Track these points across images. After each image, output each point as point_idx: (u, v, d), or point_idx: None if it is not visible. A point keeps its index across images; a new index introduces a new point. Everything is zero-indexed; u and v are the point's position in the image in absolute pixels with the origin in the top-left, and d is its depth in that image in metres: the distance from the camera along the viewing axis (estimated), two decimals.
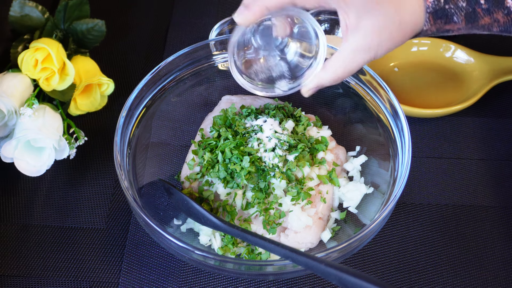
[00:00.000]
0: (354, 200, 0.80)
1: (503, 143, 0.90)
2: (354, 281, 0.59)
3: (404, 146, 0.76)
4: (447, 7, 0.65)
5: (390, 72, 0.98)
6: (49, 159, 0.83)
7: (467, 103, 0.91)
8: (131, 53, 1.03)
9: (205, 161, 0.80)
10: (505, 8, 0.65)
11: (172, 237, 0.69)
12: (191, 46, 0.85)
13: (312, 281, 0.77)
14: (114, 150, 0.76)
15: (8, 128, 0.86)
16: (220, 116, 0.84)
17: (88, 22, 0.96)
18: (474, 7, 0.66)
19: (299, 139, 0.82)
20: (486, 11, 0.66)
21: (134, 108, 0.81)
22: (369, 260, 0.79)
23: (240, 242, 0.77)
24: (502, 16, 0.66)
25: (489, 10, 0.66)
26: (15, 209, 0.85)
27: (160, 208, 0.81)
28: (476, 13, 0.66)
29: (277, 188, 0.78)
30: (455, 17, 0.66)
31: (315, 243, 0.78)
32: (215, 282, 0.78)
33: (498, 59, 0.96)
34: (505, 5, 0.65)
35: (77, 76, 0.90)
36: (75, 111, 0.92)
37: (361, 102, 0.84)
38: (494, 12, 0.66)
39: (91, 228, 0.83)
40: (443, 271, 0.78)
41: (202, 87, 0.90)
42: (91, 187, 0.87)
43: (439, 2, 0.65)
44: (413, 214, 0.83)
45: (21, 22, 0.96)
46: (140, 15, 1.09)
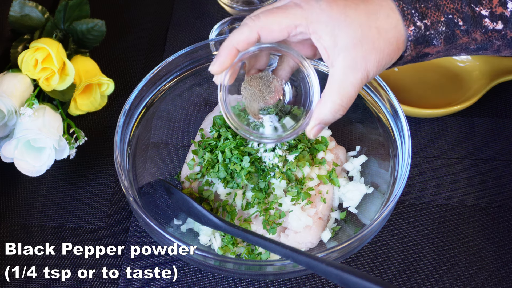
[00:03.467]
0: (354, 200, 0.80)
1: (503, 143, 0.90)
2: (356, 280, 0.59)
3: (404, 146, 0.76)
4: (428, 34, 0.65)
5: (390, 72, 0.98)
6: (49, 159, 0.83)
7: (467, 103, 0.91)
8: (131, 53, 1.03)
9: (205, 161, 0.80)
10: (482, 27, 0.65)
11: (172, 237, 0.69)
12: (191, 46, 0.85)
13: (312, 281, 0.77)
14: (114, 150, 0.76)
15: (8, 128, 0.86)
16: (220, 116, 0.84)
17: (88, 22, 0.96)
18: (453, 30, 0.65)
19: (299, 139, 0.82)
20: (465, 31, 0.66)
21: (134, 108, 0.81)
22: (369, 260, 0.79)
23: (240, 242, 0.77)
24: (479, 35, 0.66)
25: (468, 30, 0.66)
26: (15, 209, 0.85)
27: (160, 208, 0.81)
28: (455, 35, 0.66)
29: (277, 188, 0.78)
30: (434, 41, 0.66)
31: (315, 243, 0.78)
32: (215, 282, 0.78)
33: (498, 59, 0.96)
34: (482, 25, 0.65)
35: (77, 76, 0.90)
36: (75, 111, 0.92)
37: (361, 102, 0.84)
38: (472, 31, 0.66)
39: (91, 228, 0.83)
40: (443, 271, 0.78)
41: (202, 87, 0.90)
42: (91, 187, 0.87)
43: (420, 30, 0.65)
44: (413, 214, 0.83)
45: (21, 22, 0.96)
46: (140, 15, 1.09)
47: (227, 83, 0.70)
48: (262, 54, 0.72)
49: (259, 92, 0.73)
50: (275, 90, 0.73)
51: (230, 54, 0.67)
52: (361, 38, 0.64)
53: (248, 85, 0.72)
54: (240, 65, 0.71)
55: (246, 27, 0.66)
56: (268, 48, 0.69)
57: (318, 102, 0.67)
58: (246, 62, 0.72)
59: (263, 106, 0.74)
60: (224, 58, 0.67)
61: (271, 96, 0.73)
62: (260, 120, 0.74)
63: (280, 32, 0.66)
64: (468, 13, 0.65)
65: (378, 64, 0.65)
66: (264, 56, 0.72)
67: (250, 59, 0.72)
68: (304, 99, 0.72)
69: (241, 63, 0.71)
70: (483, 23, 0.65)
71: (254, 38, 0.66)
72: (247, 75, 0.73)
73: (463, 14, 0.65)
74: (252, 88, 0.72)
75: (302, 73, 0.71)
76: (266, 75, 0.73)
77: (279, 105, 0.74)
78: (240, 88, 0.73)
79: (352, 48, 0.64)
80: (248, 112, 0.74)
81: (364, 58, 0.64)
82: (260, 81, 0.73)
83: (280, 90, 0.74)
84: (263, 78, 0.73)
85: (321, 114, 0.67)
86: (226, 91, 0.70)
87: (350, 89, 0.65)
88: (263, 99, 0.73)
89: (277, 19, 0.65)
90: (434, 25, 0.65)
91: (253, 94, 0.73)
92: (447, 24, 0.65)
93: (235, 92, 0.76)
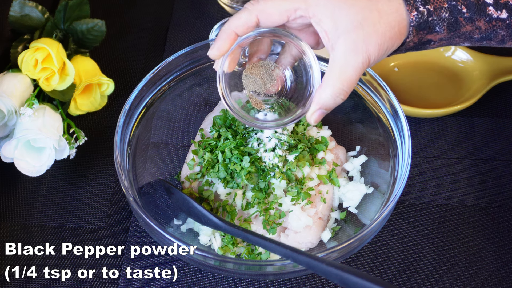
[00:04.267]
0: (354, 200, 0.80)
1: (503, 143, 0.90)
2: (356, 280, 0.59)
3: (404, 146, 0.76)
4: (430, 19, 0.65)
5: (390, 72, 0.98)
6: (49, 159, 0.83)
7: (467, 103, 0.91)
8: (131, 53, 1.03)
9: (205, 161, 0.80)
10: (486, 15, 0.65)
11: (172, 237, 0.69)
12: (191, 46, 0.85)
13: (312, 281, 0.77)
14: (114, 150, 0.76)
15: (8, 128, 0.86)
16: (220, 116, 0.84)
17: (88, 22, 0.96)
18: (457, 17, 0.65)
19: (299, 139, 0.82)
20: (468, 19, 0.65)
21: (134, 108, 0.81)
22: (369, 260, 0.79)
23: (240, 242, 0.77)
24: (483, 24, 0.65)
25: (471, 18, 0.65)
26: (15, 209, 0.85)
27: (160, 208, 0.81)
28: (458, 22, 0.65)
29: (277, 188, 0.78)
30: (437, 27, 0.65)
31: (315, 243, 0.77)
32: (215, 282, 0.78)
33: (498, 59, 0.96)
34: (486, 13, 0.65)
35: (77, 76, 0.90)
36: (75, 111, 0.92)
37: (361, 102, 0.84)
38: (476, 19, 0.65)
39: (91, 228, 0.83)
40: (443, 271, 0.78)
41: (202, 87, 0.90)
42: (91, 187, 0.87)
43: (423, 15, 0.64)
44: (413, 214, 0.83)
45: (21, 22, 0.96)
46: (140, 15, 1.09)
47: (226, 69, 0.69)
48: (263, 42, 0.72)
49: (261, 80, 0.73)
50: (277, 79, 0.73)
51: (229, 38, 0.67)
52: (362, 21, 0.63)
53: (249, 73, 0.72)
54: (240, 52, 0.71)
55: (245, 11, 0.66)
56: (268, 34, 0.69)
57: (319, 87, 0.67)
58: (248, 48, 0.72)
59: (264, 94, 0.74)
60: (222, 41, 0.67)
61: (272, 84, 0.73)
62: (261, 108, 0.74)
63: (280, 16, 0.65)
64: (472, 0, 0.64)
65: (379, 47, 0.64)
66: (265, 44, 0.72)
67: (252, 46, 0.72)
68: (306, 86, 0.72)
69: (241, 50, 0.71)
70: (487, 11, 0.65)
71: (253, 22, 0.66)
72: (248, 62, 0.73)
73: (467, 1, 0.64)
74: (253, 76, 0.72)
75: (303, 60, 0.71)
76: (268, 63, 0.73)
77: (281, 93, 0.74)
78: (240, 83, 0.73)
79: (352, 30, 0.63)
80: (249, 99, 0.74)
81: (365, 41, 0.63)
82: (262, 69, 0.73)
83: (282, 78, 0.73)
84: (264, 66, 0.73)
85: (321, 99, 0.66)
86: (225, 78, 0.70)
87: (351, 72, 0.64)
88: (265, 87, 0.73)
89: (276, 3, 0.65)
90: (437, 11, 0.64)
91: (254, 81, 0.73)
92: (450, 10, 0.64)
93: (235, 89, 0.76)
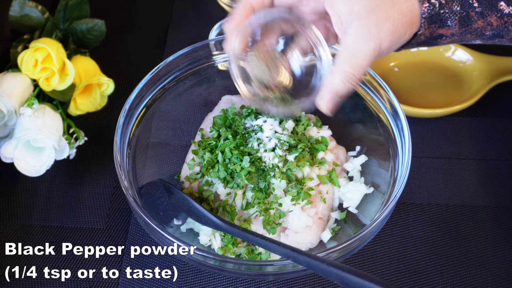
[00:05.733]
0: (354, 200, 0.80)
1: (503, 143, 0.90)
2: (356, 280, 0.59)
3: (404, 146, 0.76)
4: (442, 12, 0.65)
5: (390, 72, 0.98)
6: (49, 159, 0.83)
7: (467, 103, 0.91)
8: (131, 53, 1.03)
9: (205, 161, 0.80)
10: (498, 11, 0.65)
11: (172, 237, 0.69)
12: (191, 46, 0.85)
13: (313, 281, 0.77)
14: (114, 150, 0.76)
15: (8, 128, 0.86)
16: (220, 116, 0.84)
17: (88, 22, 0.96)
18: (468, 11, 0.65)
19: (299, 139, 0.82)
20: (480, 14, 0.65)
21: (134, 108, 0.81)
22: (369, 260, 0.79)
23: (240, 242, 0.77)
24: (495, 19, 0.66)
25: (483, 13, 0.65)
26: (15, 209, 0.85)
27: (160, 208, 0.81)
28: (470, 17, 0.65)
29: (277, 188, 0.78)
30: (449, 21, 0.66)
31: (315, 243, 0.77)
32: (215, 282, 0.78)
33: (498, 59, 0.96)
34: (498, 8, 0.65)
35: (77, 76, 0.90)
36: (75, 111, 0.92)
37: (361, 102, 0.84)
38: (487, 15, 0.65)
39: (91, 228, 0.83)
40: (443, 271, 0.78)
41: (202, 87, 0.90)
42: (91, 187, 0.87)
43: (435, 7, 0.65)
44: (413, 214, 0.83)
45: (21, 22, 0.96)
46: (140, 15, 1.09)
47: (237, 48, 0.69)
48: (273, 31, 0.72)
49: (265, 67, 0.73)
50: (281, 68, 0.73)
51: (245, 9, 0.68)
52: (375, 7, 0.63)
53: (255, 58, 0.72)
54: (250, 33, 0.71)
55: None
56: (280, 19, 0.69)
57: (329, 72, 0.66)
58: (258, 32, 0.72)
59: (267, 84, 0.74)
60: (239, 11, 0.68)
61: (276, 72, 0.73)
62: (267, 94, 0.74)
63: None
64: None
65: (391, 34, 0.64)
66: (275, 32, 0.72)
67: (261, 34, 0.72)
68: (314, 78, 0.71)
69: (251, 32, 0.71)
70: (499, 7, 0.65)
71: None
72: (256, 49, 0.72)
73: None
74: (259, 60, 0.72)
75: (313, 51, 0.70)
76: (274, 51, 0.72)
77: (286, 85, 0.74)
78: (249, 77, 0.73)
79: (365, 16, 0.63)
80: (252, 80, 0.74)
81: (377, 26, 0.63)
82: (268, 56, 0.72)
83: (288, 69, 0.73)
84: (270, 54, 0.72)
85: (332, 84, 0.65)
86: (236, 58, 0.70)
87: (362, 57, 0.64)
88: (268, 74, 0.73)
89: None
90: (448, 4, 0.64)
91: (258, 67, 0.72)
92: (461, 4, 0.65)
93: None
